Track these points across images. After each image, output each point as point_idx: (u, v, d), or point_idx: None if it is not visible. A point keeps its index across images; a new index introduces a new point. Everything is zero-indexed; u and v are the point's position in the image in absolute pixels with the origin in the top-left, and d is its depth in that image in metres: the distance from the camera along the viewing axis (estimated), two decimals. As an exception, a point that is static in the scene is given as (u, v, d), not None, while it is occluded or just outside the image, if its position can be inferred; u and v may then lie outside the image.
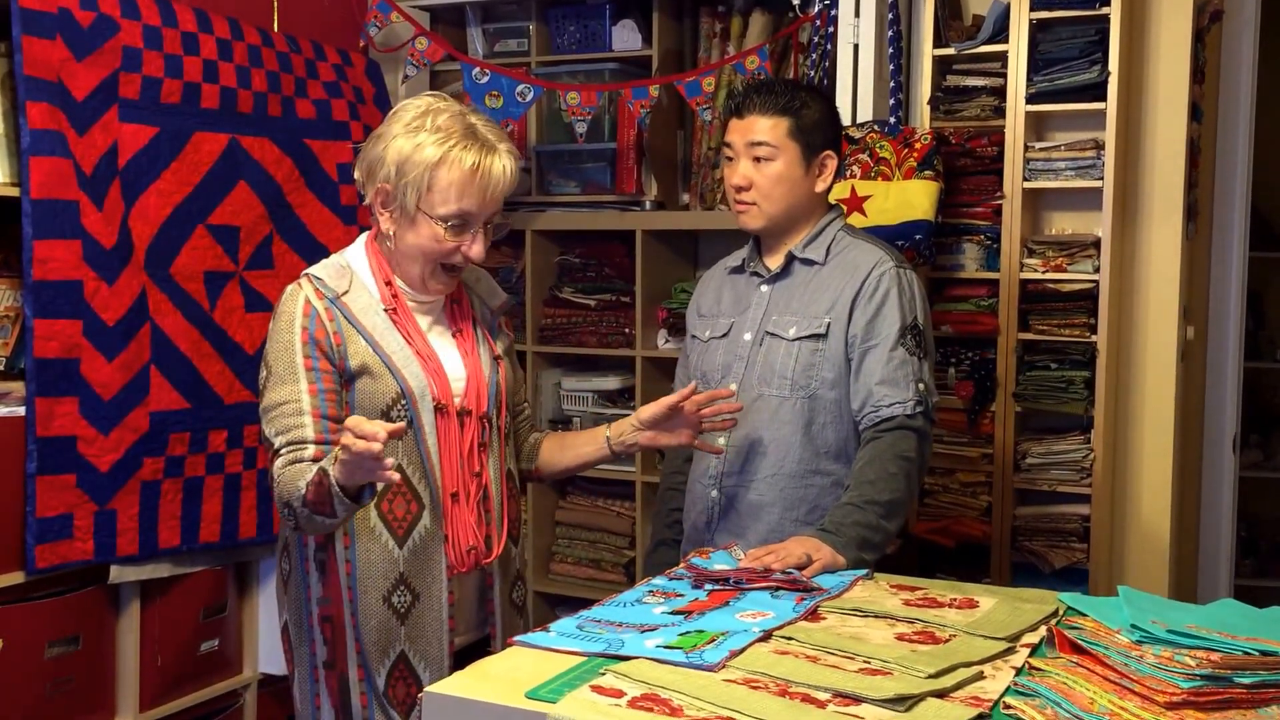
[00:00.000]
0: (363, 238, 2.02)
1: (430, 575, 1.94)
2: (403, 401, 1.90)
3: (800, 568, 1.83)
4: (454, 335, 2.02)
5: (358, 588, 1.91)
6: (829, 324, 2.16)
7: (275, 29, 3.02)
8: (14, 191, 2.39)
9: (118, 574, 2.59)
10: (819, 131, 2.20)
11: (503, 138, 1.95)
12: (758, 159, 2.18)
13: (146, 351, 2.57)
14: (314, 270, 1.96)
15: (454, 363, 1.98)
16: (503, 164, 1.91)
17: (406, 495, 1.92)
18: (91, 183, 2.47)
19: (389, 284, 1.96)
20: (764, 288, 2.26)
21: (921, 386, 2.12)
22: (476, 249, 1.92)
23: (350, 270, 1.96)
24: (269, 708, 3.01)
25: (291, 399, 1.86)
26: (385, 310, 1.94)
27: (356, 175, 1.98)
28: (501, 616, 2.04)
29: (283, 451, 1.85)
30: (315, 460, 1.83)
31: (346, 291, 1.93)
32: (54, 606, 2.51)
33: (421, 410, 1.91)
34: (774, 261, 2.26)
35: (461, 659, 1.90)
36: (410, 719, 1.94)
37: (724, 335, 2.27)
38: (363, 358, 1.90)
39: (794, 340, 2.18)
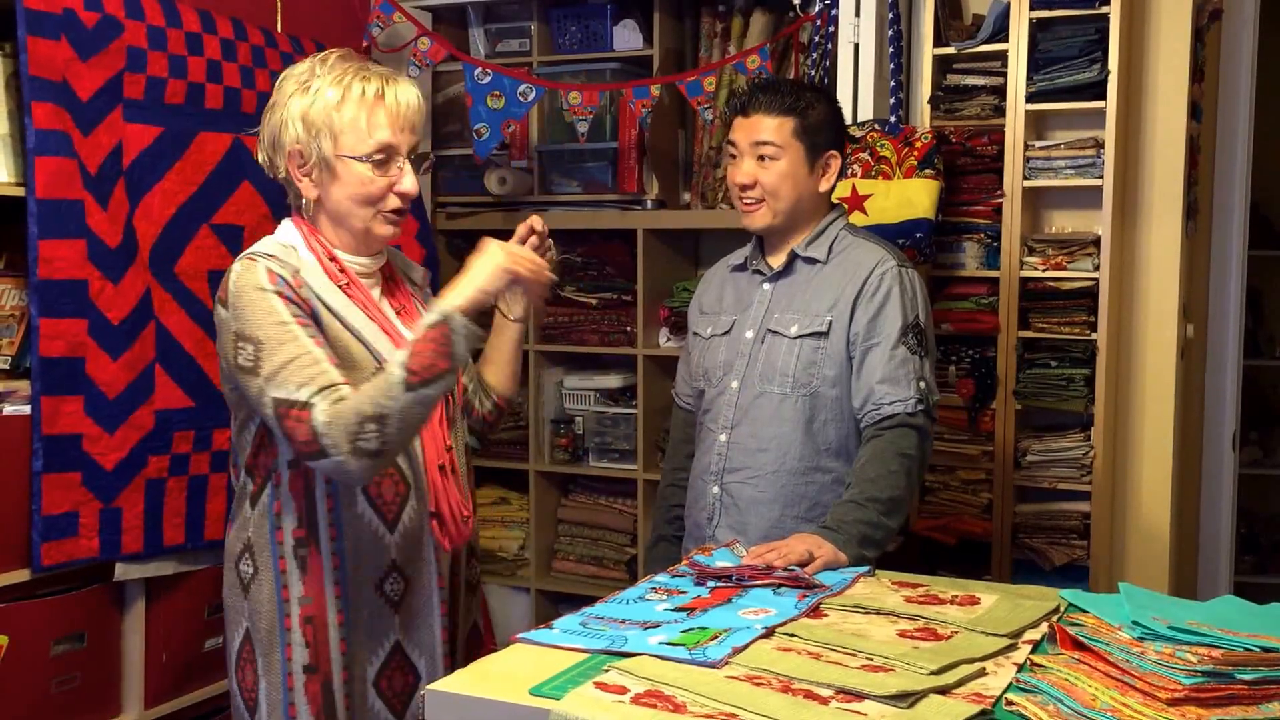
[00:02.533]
0: (287, 222, 1.90)
1: (421, 558, 1.88)
2: None
3: (802, 565, 1.84)
4: (397, 312, 1.93)
5: (348, 581, 1.83)
6: (830, 322, 2.17)
7: (279, 29, 3.02)
8: (19, 191, 2.40)
9: (123, 571, 2.59)
10: (823, 131, 2.22)
11: (399, 73, 1.89)
12: (762, 158, 2.19)
13: (151, 350, 2.58)
14: (255, 249, 1.81)
15: (408, 336, 1.87)
16: (406, 88, 1.84)
17: (394, 476, 1.85)
18: (96, 182, 2.48)
19: (333, 259, 1.85)
20: (766, 286, 2.27)
21: (923, 385, 2.13)
22: (409, 181, 1.84)
23: (294, 250, 1.83)
24: (273, 705, 3.02)
25: (300, 353, 1.71)
26: (339, 287, 1.84)
27: (261, 159, 1.87)
28: (464, 591, 1.98)
29: (315, 402, 1.68)
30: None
31: (299, 270, 1.80)
32: (59, 604, 2.52)
33: None
34: (776, 260, 2.27)
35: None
36: (408, 710, 1.89)
37: (726, 333, 2.28)
38: (334, 332, 1.79)
39: (795, 338, 2.19)
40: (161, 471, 2.61)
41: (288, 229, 1.90)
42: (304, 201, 1.87)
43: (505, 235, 3.76)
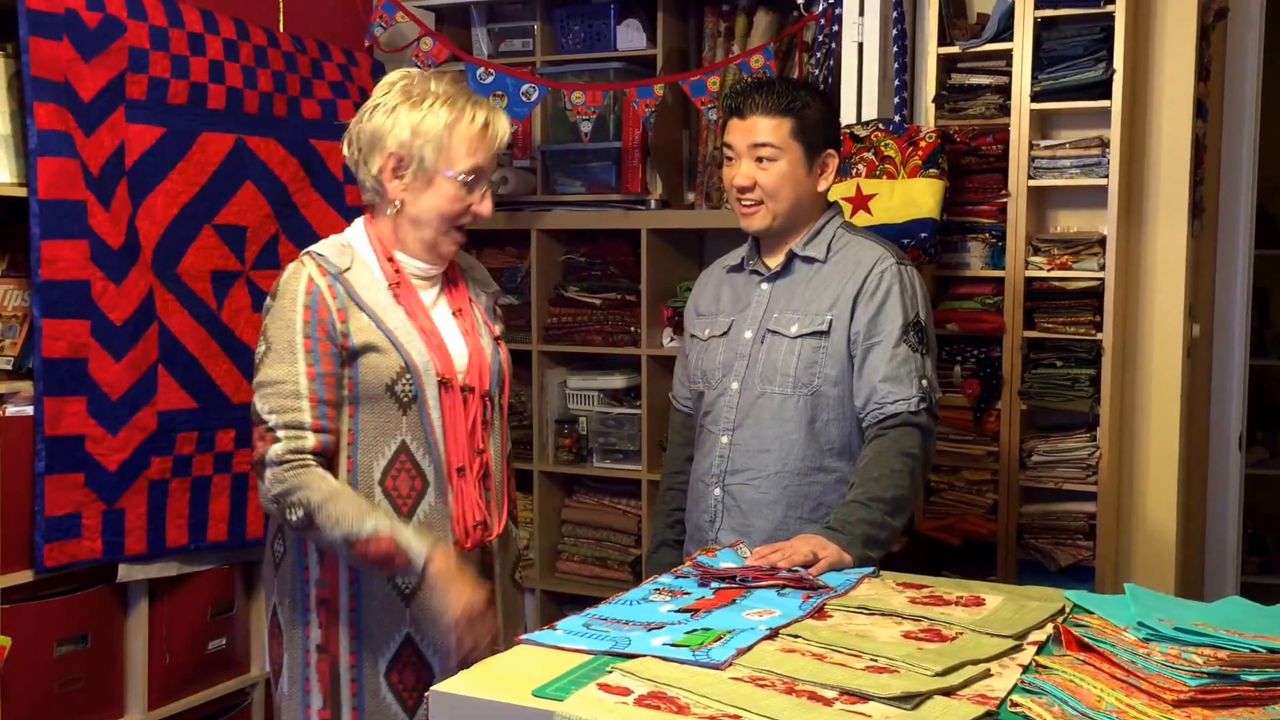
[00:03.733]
0: (359, 220, 2.04)
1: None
2: (407, 376, 1.92)
3: (806, 566, 1.84)
4: (454, 314, 2.04)
5: (361, 568, 1.91)
6: (831, 321, 2.16)
7: (281, 29, 3.02)
8: (21, 192, 2.40)
9: (126, 573, 2.59)
10: (820, 130, 2.21)
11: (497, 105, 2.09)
12: (761, 159, 2.18)
13: (154, 351, 2.58)
14: (315, 248, 1.97)
15: (456, 340, 2.01)
16: (502, 120, 2.02)
17: (411, 471, 1.93)
18: (98, 183, 2.48)
19: (391, 260, 1.98)
20: (764, 286, 2.26)
21: (925, 383, 2.12)
22: (486, 205, 2.00)
23: (351, 248, 1.98)
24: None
25: (289, 379, 1.87)
26: (389, 287, 1.96)
27: (347, 152, 2.00)
28: (503, 594, 2.05)
29: (279, 434, 1.85)
30: (314, 452, 1.85)
31: (348, 268, 1.94)
32: (62, 605, 2.52)
33: (426, 384, 1.93)
34: (774, 260, 2.26)
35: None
36: (420, 705, 1.93)
37: (724, 334, 2.27)
38: (367, 334, 1.91)
39: (796, 337, 2.18)
40: (164, 472, 2.60)
41: (355, 230, 2.03)
42: (390, 203, 1.97)
43: (509, 236, 3.77)
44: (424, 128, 1.93)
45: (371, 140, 1.95)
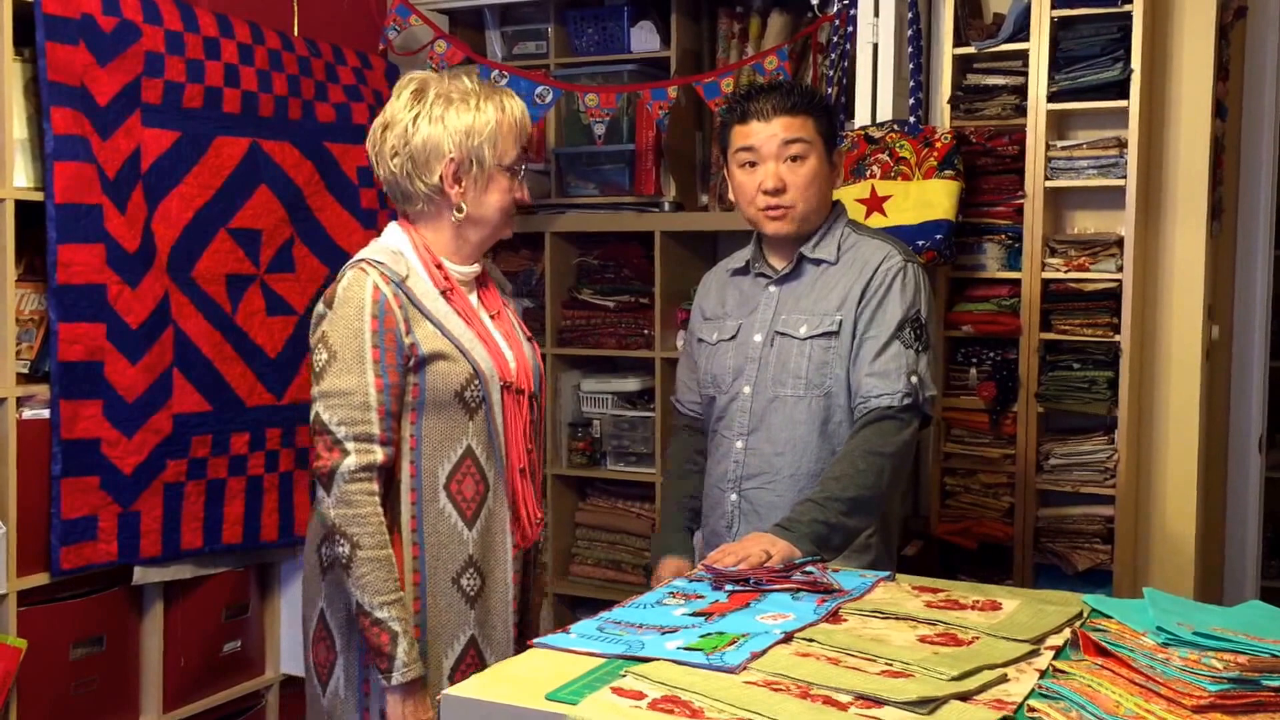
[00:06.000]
0: (394, 226, 2.02)
1: (496, 556, 1.98)
2: (476, 382, 1.93)
3: (761, 564, 1.83)
4: (492, 318, 2.05)
5: (426, 570, 1.91)
6: (840, 321, 2.15)
7: (295, 33, 3.03)
8: (38, 196, 2.41)
9: (141, 575, 2.60)
10: (833, 127, 2.22)
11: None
12: (796, 158, 2.16)
13: (169, 354, 2.58)
14: (371, 255, 1.94)
15: (502, 343, 2.02)
16: (526, 109, 2.05)
17: (475, 475, 1.95)
18: (115, 187, 2.49)
19: (439, 267, 1.98)
20: (772, 289, 2.24)
21: (913, 379, 2.10)
22: (525, 190, 2.04)
23: (403, 256, 1.96)
24: (291, 708, 3.02)
25: (358, 390, 1.84)
26: (443, 294, 1.96)
27: (393, 166, 1.95)
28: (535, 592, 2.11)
29: (349, 447, 1.83)
30: (382, 466, 1.85)
31: (407, 276, 1.93)
32: (78, 608, 2.53)
33: (492, 390, 1.95)
34: (781, 262, 2.25)
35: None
36: None
37: (732, 338, 2.26)
38: (434, 342, 1.91)
39: (806, 339, 2.17)
40: (180, 475, 2.61)
41: (396, 234, 2.01)
42: (452, 210, 1.96)
43: (522, 239, 3.76)
44: (478, 127, 1.93)
45: (427, 150, 1.93)
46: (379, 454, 1.85)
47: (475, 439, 1.94)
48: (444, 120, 1.93)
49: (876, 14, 3.01)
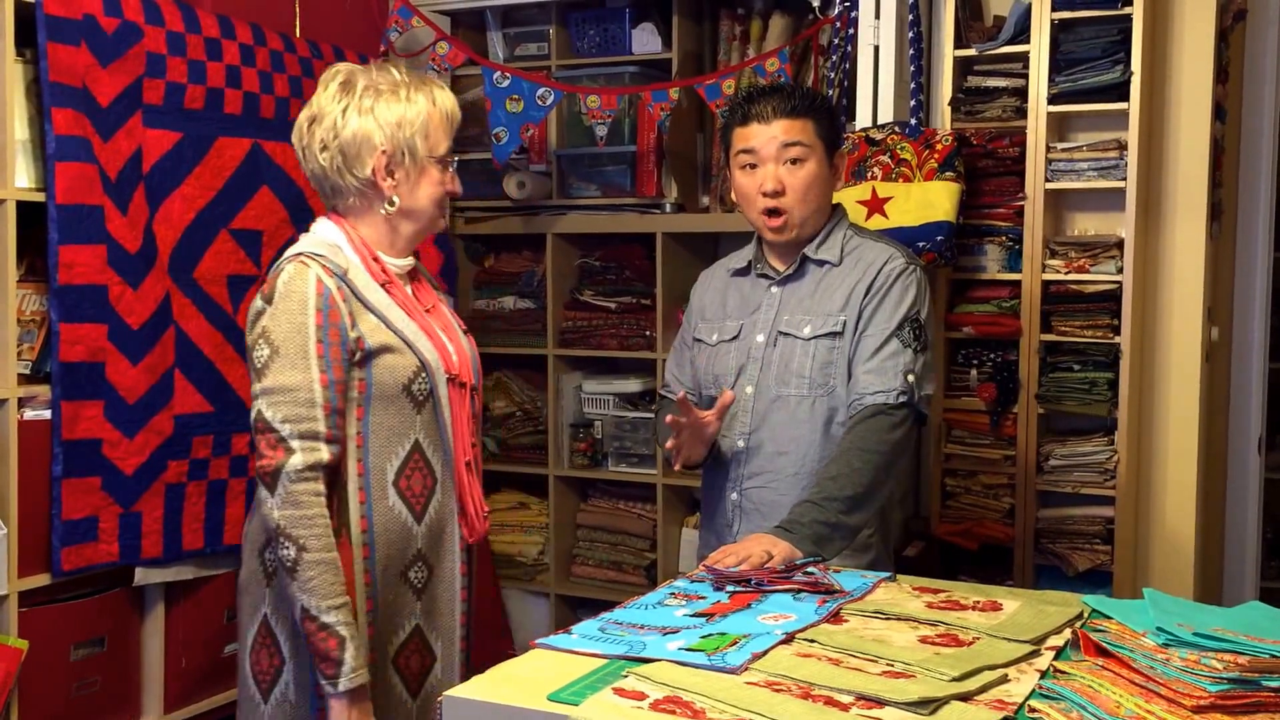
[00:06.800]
0: (326, 221, 1.97)
1: (445, 548, 1.98)
2: (423, 375, 1.92)
3: (762, 564, 1.83)
4: (428, 311, 2.02)
5: (376, 569, 1.89)
6: (845, 321, 2.16)
7: (297, 34, 3.03)
8: (40, 197, 2.41)
9: (142, 576, 2.60)
10: (835, 130, 2.22)
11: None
12: (795, 161, 2.16)
13: (171, 355, 2.59)
14: (308, 248, 1.90)
15: (442, 335, 2.00)
16: (454, 98, 2.02)
17: (424, 470, 1.94)
18: (116, 188, 2.49)
19: (375, 260, 1.95)
20: (774, 289, 2.25)
21: (910, 378, 2.11)
22: (458, 182, 2.03)
23: (339, 249, 1.92)
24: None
25: (303, 386, 1.81)
26: (382, 286, 1.93)
27: (322, 161, 1.91)
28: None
29: (294, 445, 1.79)
30: (327, 465, 1.82)
31: (348, 269, 1.90)
32: (79, 609, 2.53)
33: (439, 383, 1.94)
34: (783, 263, 2.25)
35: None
36: (423, 689, 1.96)
37: (733, 338, 2.26)
38: (380, 335, 1.89)
39: (810, 339, 2.17)
40: (181, 476, 2.61)
41: (329, 228, 1.96)
42: (384, 203, 1.94)
43: (524, 240, 3.77)
44: (409, 118, 1.91)
45: (358, 143, 1.90)
46: (325, 452, 1.81)
47: (423, 433, 1.93)
48: (374, 112, 1.90)
49: (877, 16, 3.02)
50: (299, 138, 1.96)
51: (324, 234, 1.95)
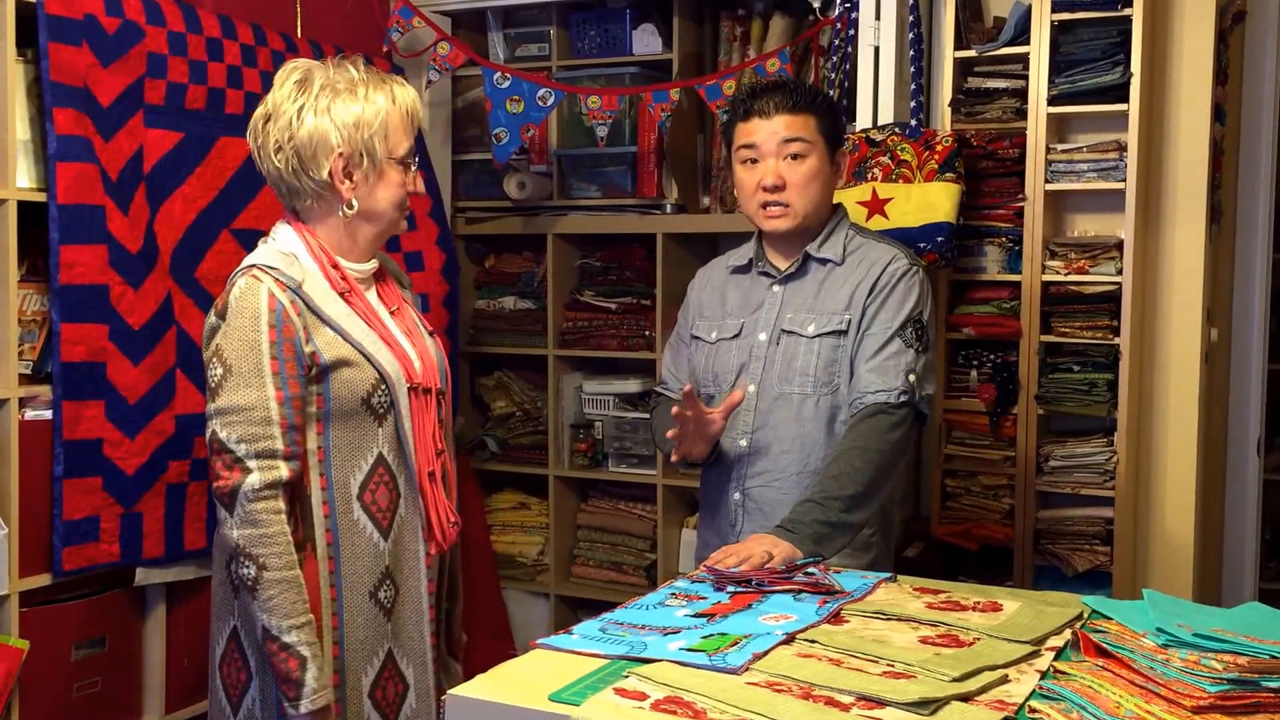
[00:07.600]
0: (284, 226, 1.93)
1: (409, 565, 1.92)
2: (382, 387, 1.87)
3: (764, 564, 1.84)
4: (392, 314, 1.98)
5: (342, 585, 1.85)
6: (849, 320, 2.16)
7: (299, 35, 3.03)
8: (41, 197, 2.41)
9: (143, 576, 2.60)
10: (836, 128, 2.22)
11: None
12: (795, 156, 2.16)
13: (172, 355, 2.59)
14: (263, 260, 1.84)
15: (404, 342, 1.95)
16: (412, 89, 1.96)
17: (389, 483, 1.89)
18: (117, 188, 2.49)
19: (335, 266, 1.89)
20: (776, 288, 2.25)
21: (912, 378, 2.11)
22: (420, 182, 1.97)
23: (296, 258, 1.87)
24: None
25: (258, 404, 1.77)
26: (342, 295, 1.88)
27: (277, 163, 1.86)
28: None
29: (251, 464, 1.76)
30: (287, 482, 1.78)
31: (303, 281, 1.84)
32: (80, 609, 2.53)
33: (399, 394, 1.88)
34: (785, 262, 2.25)
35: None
36: (399, 717, 1.91)
37: (734, 336, 2.26)
38: (336, 349, 1.84)
39: (814, 337, 2.17)
40: (182, 476, 2.61)
41: (287, 236, 1.91)
42: (342, 206, 1.89)
43: (524, 240, 3.77)
44: (367, 118, 1.84)
45: (314, 144, 1.83)
46: (283, 469, 1.78)
47: (386, 445, 1.88)
48: (330, 112, 1.83)
49: (878, 17, 3.02)
50: (254, 136, 1.89)
51: (281, 242, 1.90)
